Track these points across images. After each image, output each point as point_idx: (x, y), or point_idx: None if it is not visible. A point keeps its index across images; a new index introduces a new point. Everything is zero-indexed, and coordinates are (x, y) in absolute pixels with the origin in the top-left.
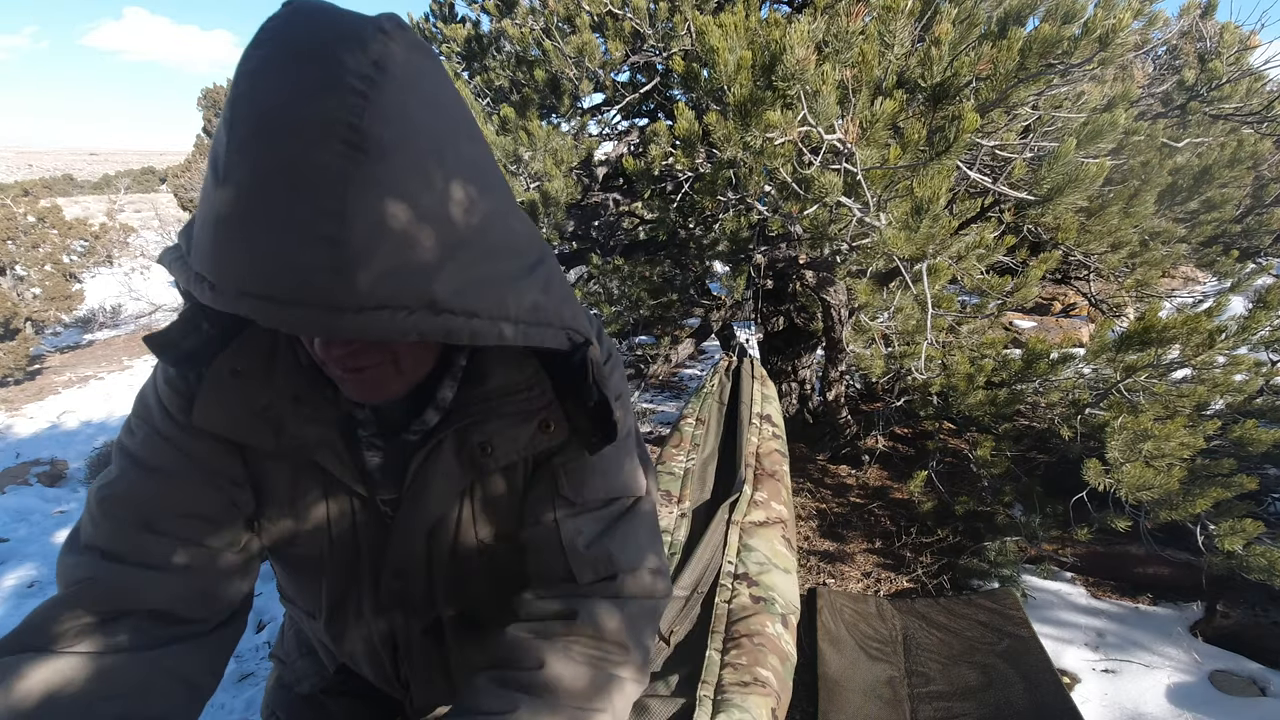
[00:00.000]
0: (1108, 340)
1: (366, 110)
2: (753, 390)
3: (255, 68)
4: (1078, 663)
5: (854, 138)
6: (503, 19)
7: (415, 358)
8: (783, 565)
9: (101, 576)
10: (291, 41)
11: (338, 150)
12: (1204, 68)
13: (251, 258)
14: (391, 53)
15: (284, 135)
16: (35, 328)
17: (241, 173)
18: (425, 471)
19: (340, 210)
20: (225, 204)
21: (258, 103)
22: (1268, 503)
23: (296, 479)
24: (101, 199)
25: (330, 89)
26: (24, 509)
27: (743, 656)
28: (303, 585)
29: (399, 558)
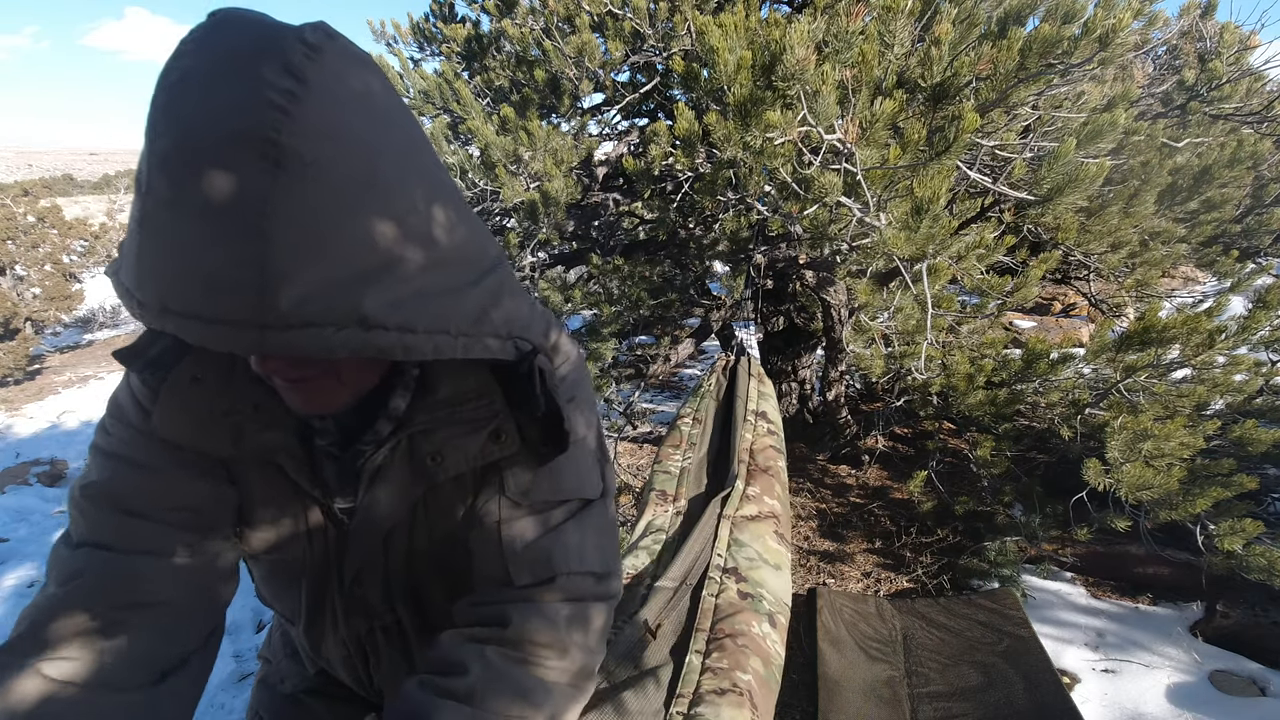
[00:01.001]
0: (1108, 340)
1: (285, 125)
2: (749, 388)
3: (174, 80)
4: (1078, 663)
5: (854, 138)
6: (503, 19)
7: (357, 370)
8: (773, 562)
9: (97, 569)
10: (211, 53)
11: (257, 167)
12: (1204, 68)
13: (174, 275)
14: (317, 64)
15: (203, 151)
16: (35, 328)
17: (161, 189)
18: (377, 480)
19: (261, 228)
20: (148, 220)
21: (177, 117)
22: (1268, 503)
23: (267, 484)
24: (101, 199)
25: (249, 103)
26: (24, 509)
27: (724, 659)
28: (279, 590)
29: (356, 564)
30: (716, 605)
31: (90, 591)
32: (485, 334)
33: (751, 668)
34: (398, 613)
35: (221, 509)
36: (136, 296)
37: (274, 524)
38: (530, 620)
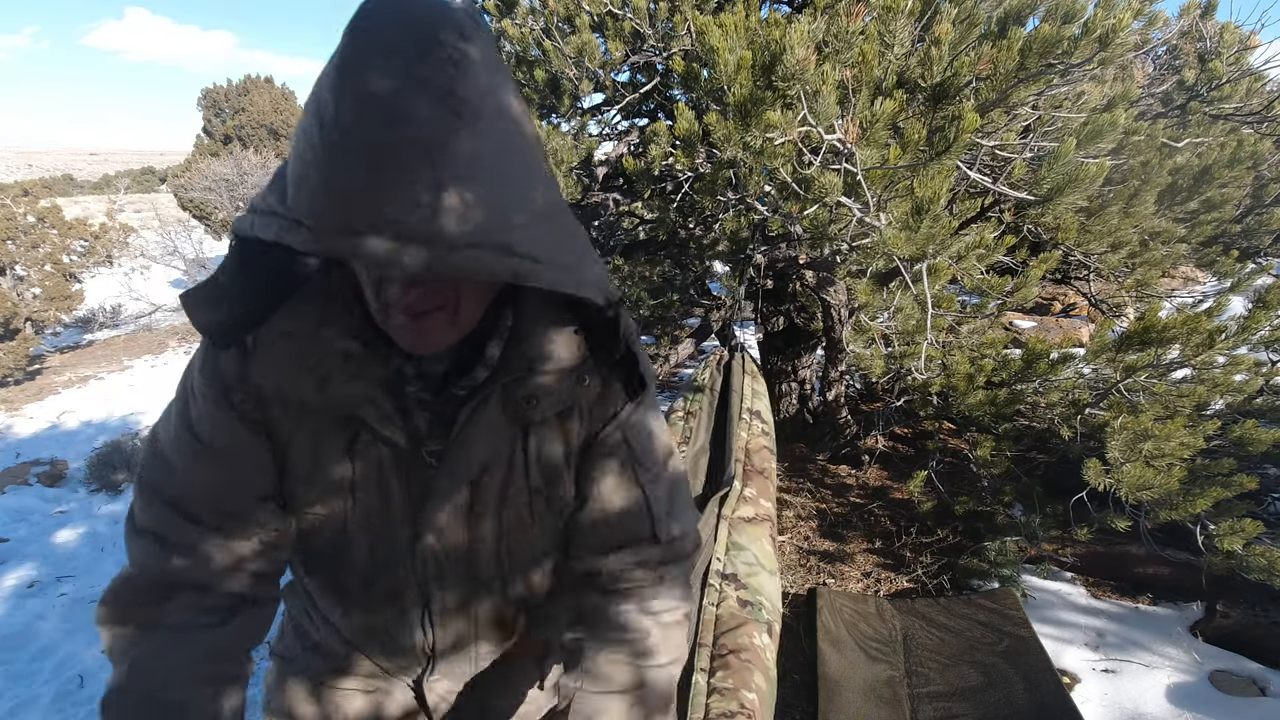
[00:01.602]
0: (1108, 340)
1: (459, 80)
2: (744, 384)
3: (366, 31)
4: (1078, 663)
5: (854, 138)
6: (503, 19)
7: (469, 308)
8: (769, 567)
9: (154, 562)
10: (398, 13)
11: (439, 110)
12: (1204, 68)
13: (360, 200)
14: (477, 36)
15: (395, 96)
16: (35, 328)
17: (352, 125)
18: (473, 422)
19: (439, 163)
20: (334, 153)
21: (371, 65)
22: (1268, 503)
23: (334, 442)
24: (101, 199)
25: (432, 59)
26: (24, 509)
27: (729, 678)
28: (331, 558)
29: (438, 512)
30: (718, 616)
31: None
32: (585, 277)
33: (755, 684)
34: (474, 567)
35: (270, 488)
36: (310, 223)
37: (338, 483)
38: (678, 576)
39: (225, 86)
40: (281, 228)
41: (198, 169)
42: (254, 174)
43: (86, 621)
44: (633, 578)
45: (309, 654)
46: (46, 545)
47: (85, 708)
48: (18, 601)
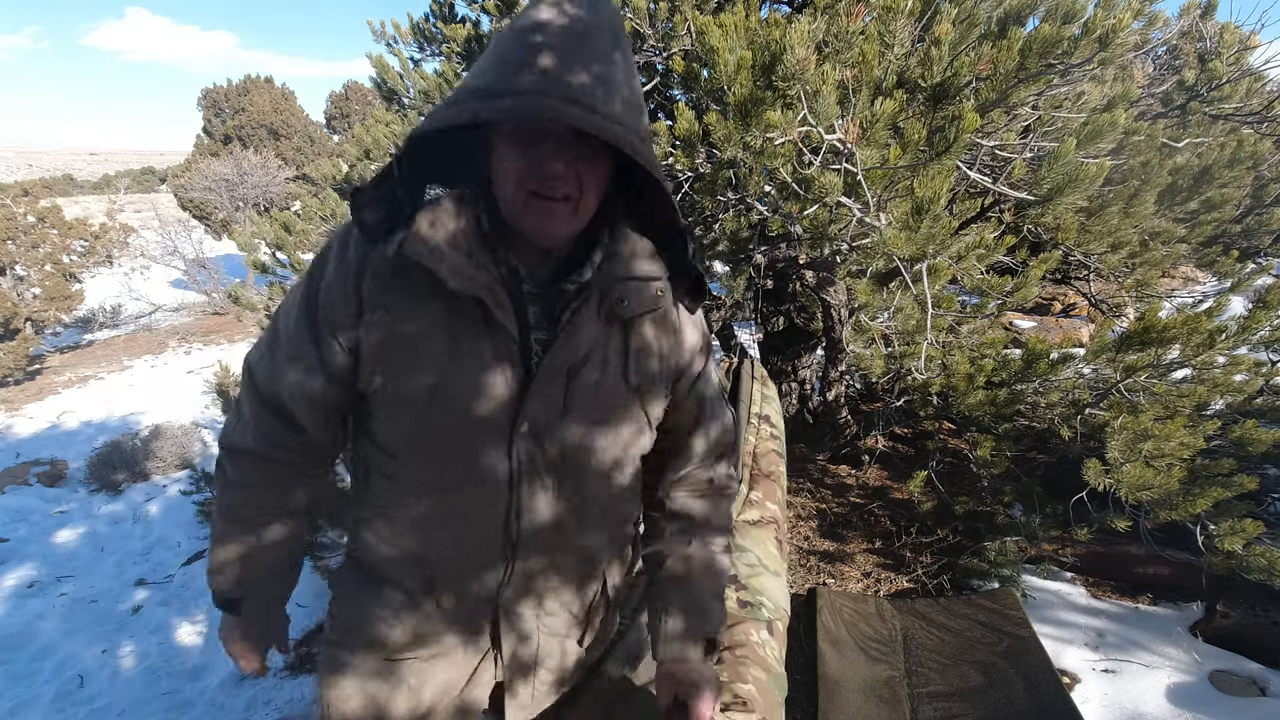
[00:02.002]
0: (1108, 340)
1: (618, 26)
2: (752, 390)
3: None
4: (1078, 663)
5: (854, 138)
6: (502, 19)
7: (587, 203)
8: (773, 568)
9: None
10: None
11: (606, 39)
12: (1204, 68)
13: (553, 78)
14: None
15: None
16: (35, 328)
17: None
18: (578, 314)
19: (604, 69)
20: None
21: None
22: (1268, 503)
23: (453, 325)
24: (101, 199)
25: (605, 12)
26: (24, 509)
27: (723, 672)
28: (429, 439)
29: (539, 397)
30: None
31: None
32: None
33: (753, 677)
34: (563, 457)
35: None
36: (515, 87)
37: (457, 365)
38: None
39: (225, 86)
40: (479, 109)
41: (198, 169)
42: (254, 174)
43: (86, 621)
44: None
45: (369, 625)
46: (46, 545)
47: (85, 708)
48: (18, 601)
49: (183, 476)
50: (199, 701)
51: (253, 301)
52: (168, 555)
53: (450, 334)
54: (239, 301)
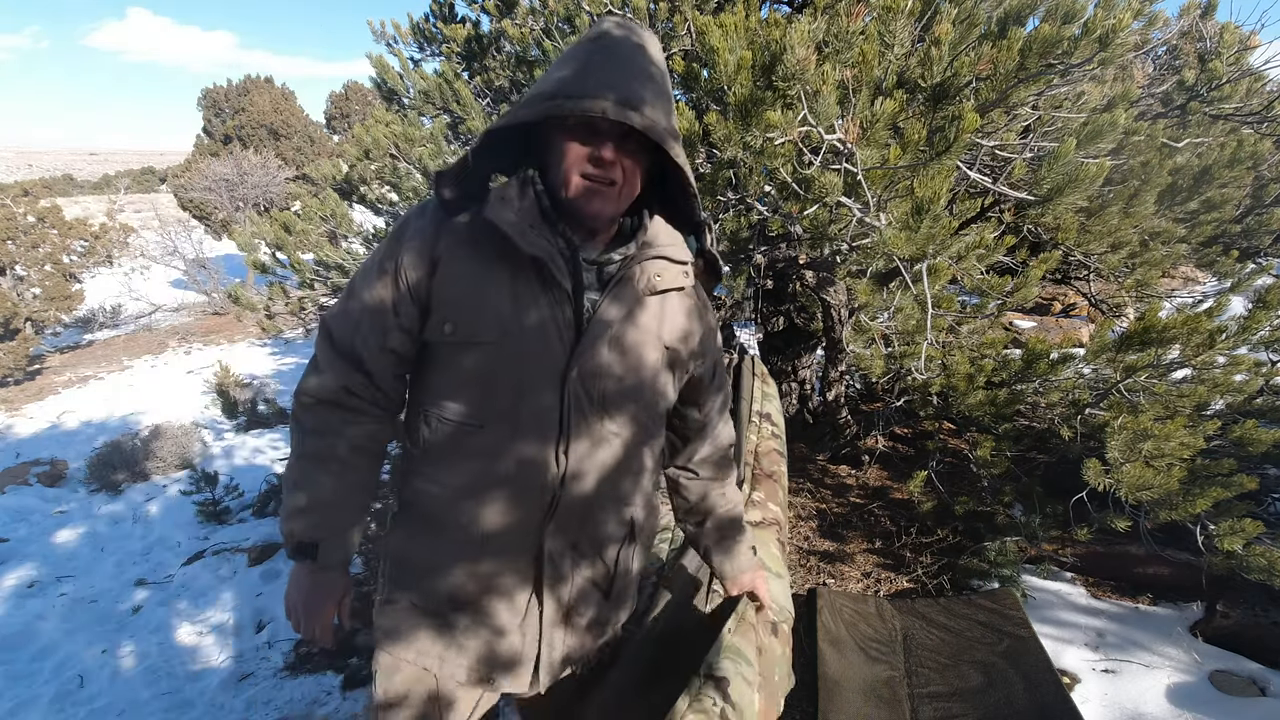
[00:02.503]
0: (1108, 340)
1: (658, 55)
2: (753, 388)
3: (606, 28)
4: (1078, 663)
5: (854, 138)
6: (503, 19)
7: (628, 190)
8: (775, 570)
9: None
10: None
11: (652, 53)
12: (1204, 68)
13: (615, 85)
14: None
15: (635, 47)
16: (35, 328)
17: (613, 53)
18: (622, 282)
19: (652, 83)
20: (600, 63)
21: (624, 36)
22: (1268, 503)
23: (516, 284)
24: (101, 199)
25: (650, 43)
26: (24, 509)
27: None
28: (490, 381)
29: (589, 349)
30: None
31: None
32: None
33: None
34: (604, 402)
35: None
36: (577, 96)
37: (516, 316)
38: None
39: (225, 87)
40: (550, 106)
41: (198, 169)
42: (254, 174)
43: (87, 621)
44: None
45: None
46: (46, 545)
47: (85, 708)
48: (18, 601)
49: (183, 476)
50: (199, 701)
51: (253, 301)
52: (168, 555)
53: (513, 291)
54: (239, 301)
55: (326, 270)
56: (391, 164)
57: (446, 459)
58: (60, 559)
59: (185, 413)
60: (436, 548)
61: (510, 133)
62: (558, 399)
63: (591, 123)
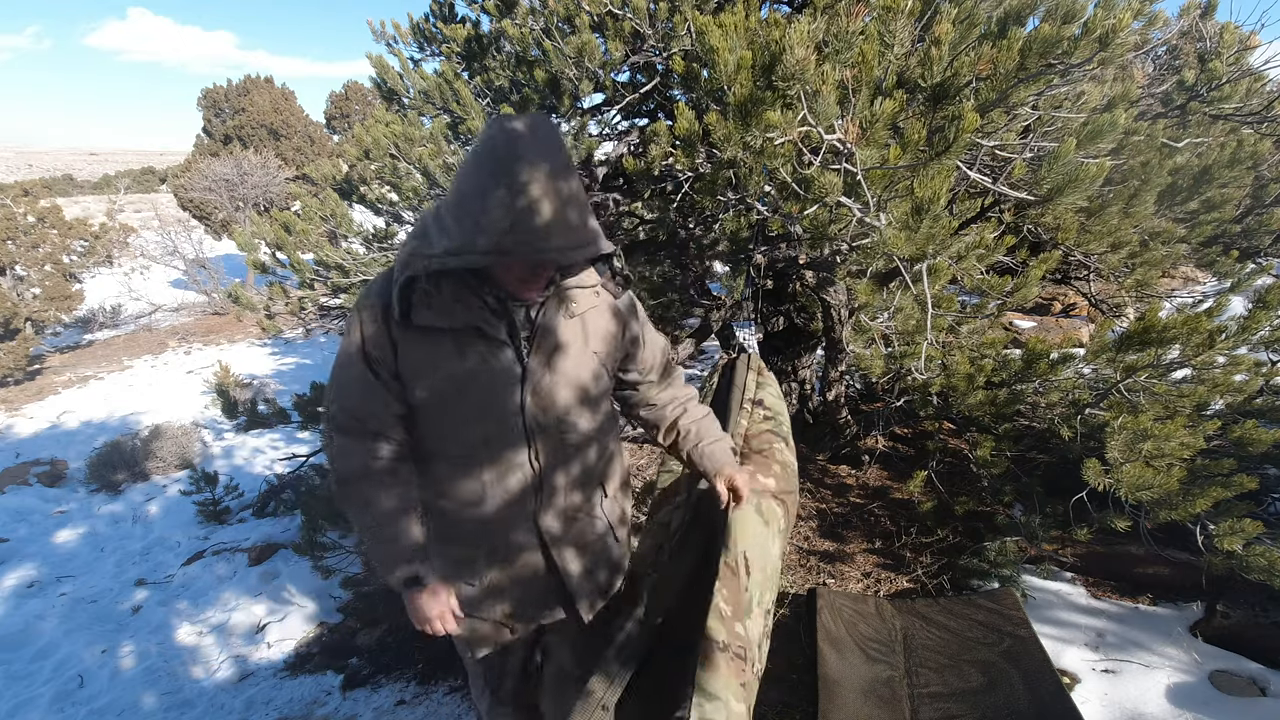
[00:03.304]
0: (1108, 340)
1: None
2: (747, 380)
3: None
4: (1078, 663)
5: (854, 138)
6: (503, 19)
7: (549, 275)
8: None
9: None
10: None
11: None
12: (1204, 68)
13: (547, 230)
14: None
15: (549, 182)
16: (35, 328)
17: (532, 199)
18: (545, 316)
19: (562, 199)
20: (526, 217)
21: (533, 169)
22: (1268, 503)
23: (462, 345)
24: (101, 199)
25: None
26: (24, 509)
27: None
28: (463, 426)
29: (534, 379)
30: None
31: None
32: (604, 239)
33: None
34: (556, 415)
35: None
36: (510, 247)
37: (469, 367)
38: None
39: (225, 87)
40: (488, 259)
41: (198, 169)
42: (254, 174)
43: (86, 621)
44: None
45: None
46: (46, 545)
47: (85, 708)
48: (18, 601)
49: (182, 476)
50: (199, 701)
51: (253, 301)
52: (167, 555)
53: (460, 352)
54: (239, 301)
55: (326, 270)
56: (391, 164)
57: (451, 484)
58: (60, 559)
59: (185, 413)
60: (461, 541)
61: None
62: (521, 419)
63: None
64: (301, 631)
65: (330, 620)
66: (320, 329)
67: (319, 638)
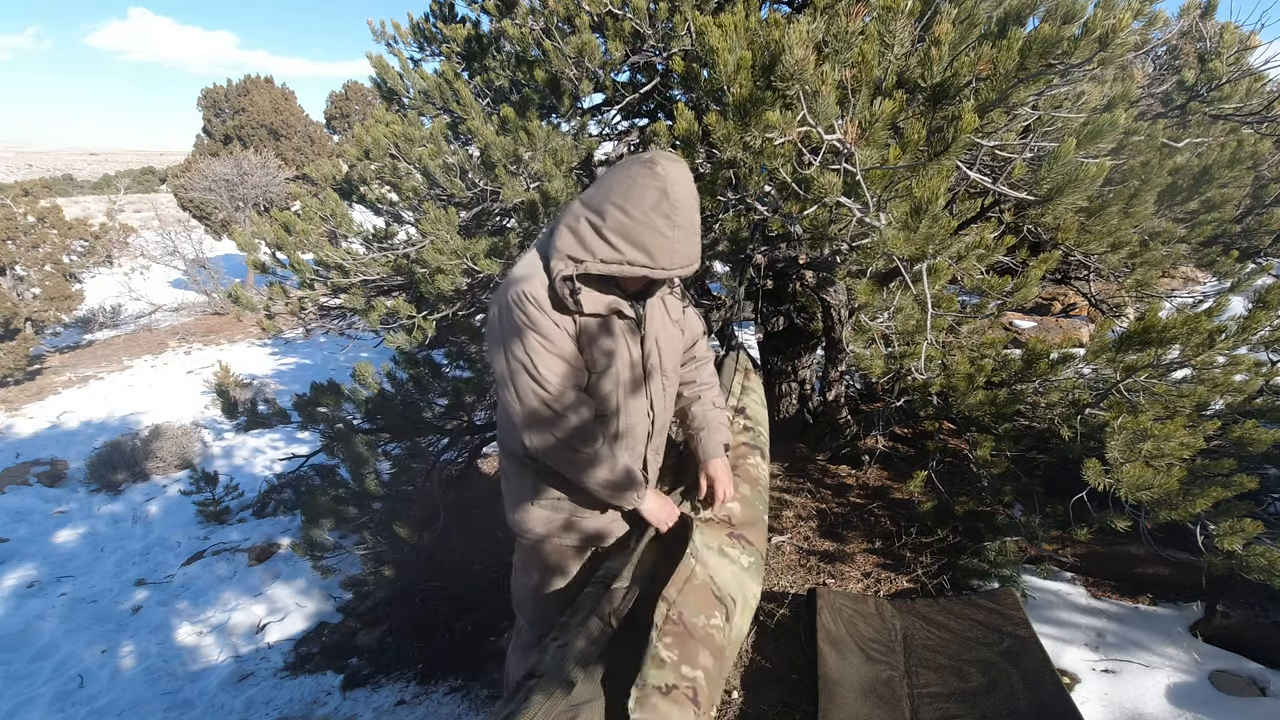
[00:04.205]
0: (1108, 340)
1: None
2: (734, 382)
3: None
4: (1078, 663)
5: (854, 138)
6: (503, 19)
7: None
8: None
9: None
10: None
11: (696, 206)
12: (1204, 68)
13: (689, 253)
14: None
15: (690, 214)
16: (35, 328)
17: (680, 226)
18: (651, 311)
19: (698, 226)
20: (676, 237)
21: (682, 203)
22: (1268, 503)
23: (607, 329)
24: (101, 199)
25: (694, 201)
26: (24, 509)
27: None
28: (607, 389)
29: (649, 352)
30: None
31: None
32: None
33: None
34: (664, 372)
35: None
36: (667, 266)
37: (611, 346)
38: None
39: (225, 87)
40: (650, 273)
41: (198, 169)
42: (254, 174)
43: (86, 621)
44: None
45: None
46: (46, 545)
47: (85, 708)
48: (18, 601)
49: (183, 476)
50: (199, 701)
51: (253, 301)
52: (167, 555)
53: (608, 330)
54: (239, 301)
55: (326, 270)
56: (391, 164)
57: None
58: (60, 559)
59: (185, 413)
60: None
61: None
62: (644, 378)
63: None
64: (301, 631)
65: (330, 620)
66: (320, 329)
67: (319, 638)
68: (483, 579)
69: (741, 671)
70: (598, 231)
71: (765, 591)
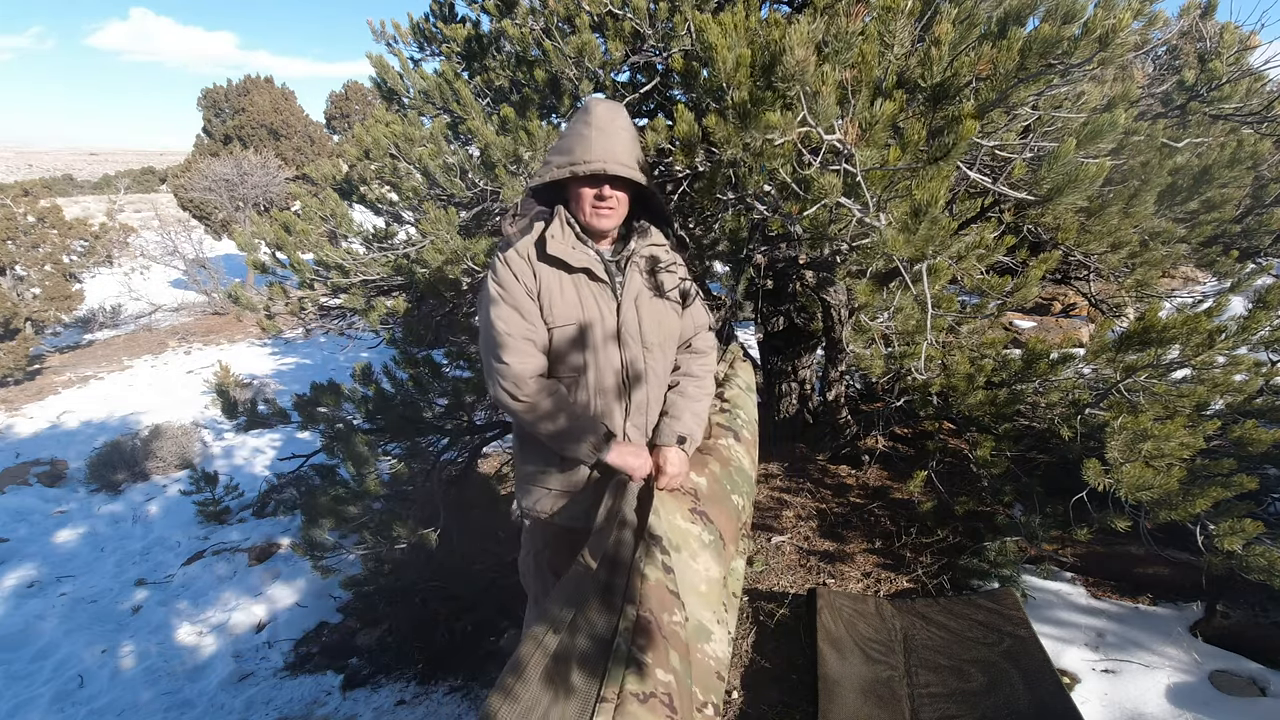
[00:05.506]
0: (1108, 340)
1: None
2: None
3: (599, 107)
4: (1078, 663)
5: (854, 138)
6: (503, 19)
7: (620, 210)
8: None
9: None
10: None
11: (627, 121)
12: (1204, 68)
13: (606, 147)
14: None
15: (614, 118)
16: (35, 328)
17: (600, 127)
18: (629, 268)
19: (630, 137)
20: (595, 136)
21: (606, 112)
22: (1268, 503)
23: (577, 283)
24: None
25: (621, 114)
26: (24, 509)
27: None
28: (574, 352)
29: (626, 312)
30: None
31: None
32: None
33: (671, 666)
34: (645, 344)
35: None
36: (586, 159)
37: (580, 305)
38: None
39: (225, 87)
40: (570, 168)
41: (198, 169)
42: (254, 174)
43: (86, 621)
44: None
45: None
46: (46, 545)
47: (85, 707)
48: (18, 601)
49: (182, 476)
50: (199, 701)
51: (253, 301)
52: (167, 555)
53: (576, 290)
54: (239, 301)
55: (326, 270)
56: (391, 164)
57: (571, 386)
58: (60, 559)
59: (185, 413)
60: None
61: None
62: (617, 345)
63: (594, 175)
64: (301, 631)
65: (330, 620)
66: (320, 329)
67: (319, 638)
68: (483, 579)
69: (741, 671)
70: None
71: (765, 591)
